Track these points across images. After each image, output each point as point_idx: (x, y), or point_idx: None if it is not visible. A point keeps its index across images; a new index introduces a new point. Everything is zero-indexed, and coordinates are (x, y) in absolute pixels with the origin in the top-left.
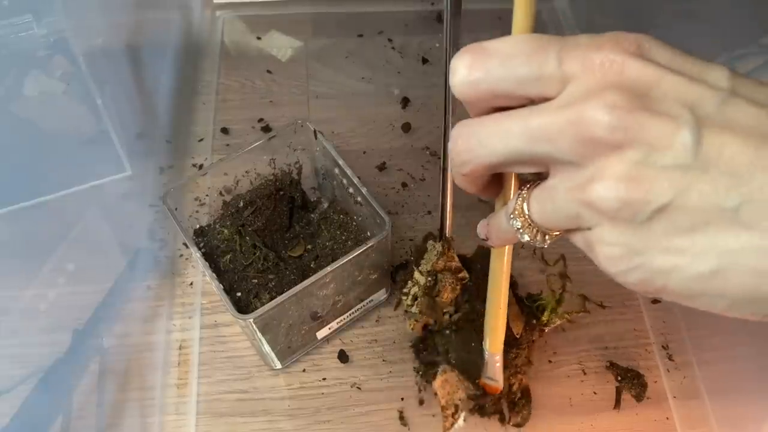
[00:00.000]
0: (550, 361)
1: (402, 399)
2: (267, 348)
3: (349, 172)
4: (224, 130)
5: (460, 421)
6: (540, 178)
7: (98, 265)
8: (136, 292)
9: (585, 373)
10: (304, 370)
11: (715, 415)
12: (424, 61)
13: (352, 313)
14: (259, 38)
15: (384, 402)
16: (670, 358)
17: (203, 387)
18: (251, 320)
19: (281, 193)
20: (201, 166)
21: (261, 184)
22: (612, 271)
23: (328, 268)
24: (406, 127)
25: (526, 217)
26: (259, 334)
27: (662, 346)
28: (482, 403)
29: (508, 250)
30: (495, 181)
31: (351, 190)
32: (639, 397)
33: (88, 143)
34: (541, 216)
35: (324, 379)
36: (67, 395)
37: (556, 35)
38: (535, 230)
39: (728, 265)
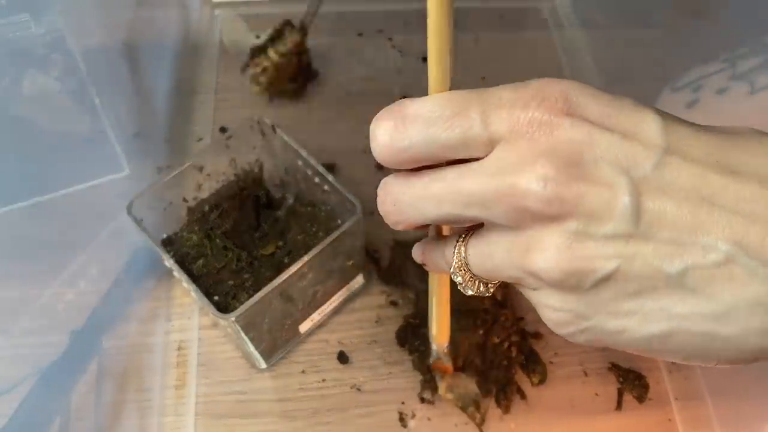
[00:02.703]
0: (551, 362)
1: (402, 402)
2: (251, 347)
3: (312, 161)
4: (223, 130)
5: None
6: (474, 227)
7: (96, 265)
8: (135, 293)
9: (586, 375)
10: (303, 371)
11: (717, 416)
12: (425, 60)
13: (333, 302)
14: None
15: (384, 403)
16: None
17: (202, 388)
18: (232, 319)
19: (245, 192)
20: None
21: (224, 185)
22: (559, 332)
23: (305, 258)
24: None
25: (467, 271)
26: (243, 334)
27: None
28: (492, 388)
29: None
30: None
31: (317, 179)
32: (641, 399)
33: (85, 142)
34: (481, 272)
35: (323, 380)
36: (65, 396)
37: (476, 89)
38: (477, 282)
39: (678, 328)
